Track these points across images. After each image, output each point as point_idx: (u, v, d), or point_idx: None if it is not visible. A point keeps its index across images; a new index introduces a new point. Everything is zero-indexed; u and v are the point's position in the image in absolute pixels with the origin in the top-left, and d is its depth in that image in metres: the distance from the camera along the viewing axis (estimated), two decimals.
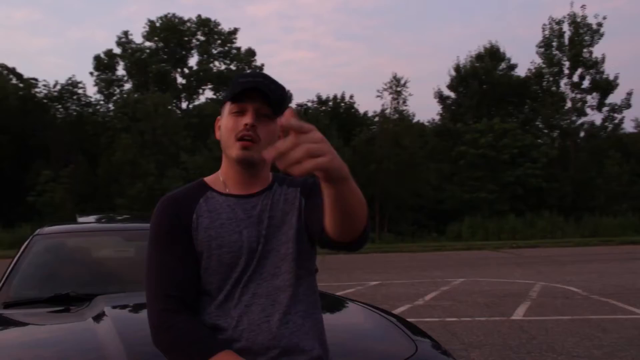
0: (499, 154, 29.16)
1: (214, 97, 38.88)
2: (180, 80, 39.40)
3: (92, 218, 4.21)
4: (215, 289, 1.47)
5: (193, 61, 39.51)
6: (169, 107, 34.29)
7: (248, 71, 1.83)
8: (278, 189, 1.55)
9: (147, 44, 38.34)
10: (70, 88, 35.85)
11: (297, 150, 1.06)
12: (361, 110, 37.32)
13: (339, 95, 37.44)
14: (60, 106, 35.77)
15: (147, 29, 38.19)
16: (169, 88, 37.03)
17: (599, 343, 5.77)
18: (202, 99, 39.31)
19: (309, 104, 37.36)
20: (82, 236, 3.44)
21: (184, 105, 38.97)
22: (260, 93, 1.45)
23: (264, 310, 1.44)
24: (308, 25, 66.19)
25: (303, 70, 63.28)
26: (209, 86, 39.14)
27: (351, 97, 38.24)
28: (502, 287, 10.04)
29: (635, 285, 9.92)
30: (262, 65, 40.41)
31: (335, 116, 34.95)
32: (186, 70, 39.28)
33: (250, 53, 39.76)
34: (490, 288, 9.86)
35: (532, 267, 13.64)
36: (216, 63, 39.25)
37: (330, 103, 37.79)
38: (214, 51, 39.07)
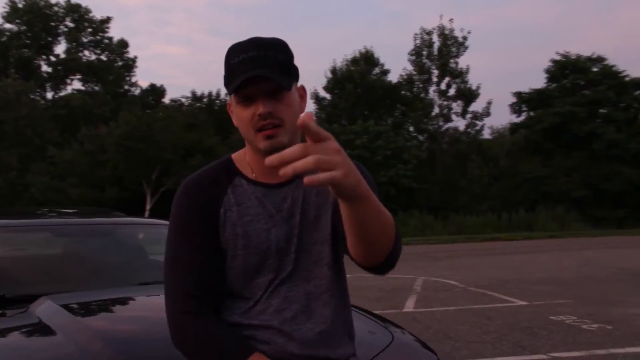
0: (373, 155, 30.28)
1: (83, 88, 36.83)
2: (45, 68, 36.88)
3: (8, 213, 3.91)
4: (241, 291, 1.36)
5: (60, 49, 37.17)
6: (32, 96, 32.04)
7: (238, 43, 1.23)
8: None
9: (8, 26, 35.50)
10: None
11: (305, 160, 0.94)
12: None
13: (214, 92, 36.95)
14: None
15: (7, 9, 35.34)
16: (32, 76, 34.53)
17: (487, 329, 6.26)
18: (69, 89, 37.07)
19: (184, 100, 36.56)
20: (3, 232, 3.18)
21: (49, 95, 36.52)
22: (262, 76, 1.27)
23: (295, 317, 1.35)
24: (180, 19, 64.67)
25: (176, 65, 61.69)
26: (78, 76, 36.96)
27: (226, 94, 37.83)
28: (387, 282, 10.48)
29: (503, 277, 10.79)
30: (135, 57, 38.91)
31: (210, 113, 34.48)
32: (52, 58, 36.83)
33: (123, 44, 38.10)
34: (377, 283, 10.26)
35: (409, 263, 14.35)
36: (86, 52, 37.19)
37: (206, 100, 37.20)
38: (84, 40, 36.98)
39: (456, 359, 5.07)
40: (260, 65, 1.26)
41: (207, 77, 62.26)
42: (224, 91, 36.78)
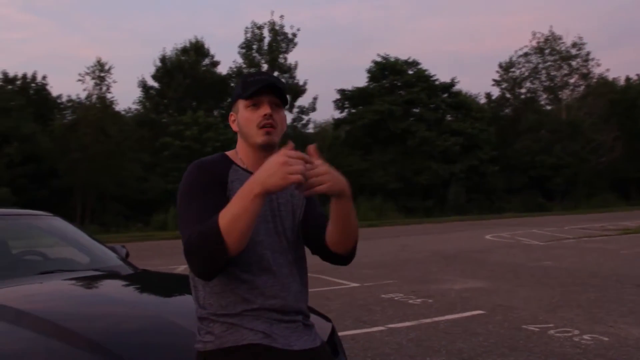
0: (203, 146, 30.24)
1: None
2: None
3: None
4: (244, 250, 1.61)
5: None
6: None
7: (252, 71, 1.89)
8: None
9: None
10: None
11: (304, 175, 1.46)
12: (54, 93, 34.65)
13: (29, 75, 34.16)
14: None
15: None
16: None
17: (329, 309, 6.93)
18: None
19: None
20: None
21: None
22: (273, 88, 1.72)
23: (287, 276, 1.73)
24: None
25: None
26: None
27: (44, 77, 35.25)
28: (338, 263, 10.87)
29: None
30: None
31: (26, 98, 31.88)
32: None
33: None
34: None
35: None
36: None
37: (19, 82, 34.28)
38: None
39: None
40: (272, 82, 1.73)
41: (19, 58, 57.06)
42: (41, 74, 34.05)
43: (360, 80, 58.37)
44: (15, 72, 34.34)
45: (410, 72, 36.75)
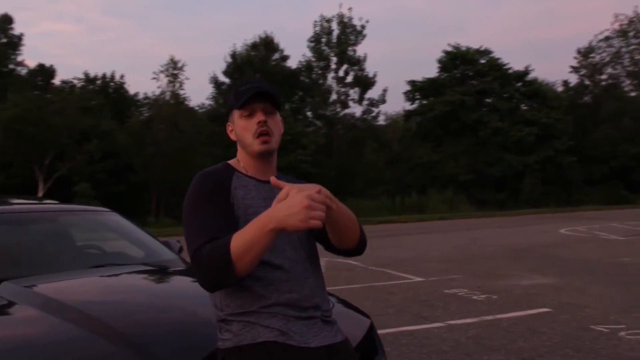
0: None
1: None
2: None
3: None
4: None
5: None
6: None
7: (244, 80, 1.93)
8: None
9: None
10: None
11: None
12: (132, 91, 36.07)
13: (108, 74, 35.68)
14: None
15: None
16: None
17: (390, 303, 6.89)
18: None
19: (76, 82, 35.02)
20: None
21: None
22: (264, 95, 1.75)
23: (304, 271, 1.74)
24: None
25: (66, 44, 58.68)
26: None
27: (122, 76, 36.73)
28: (348, 255, 10.96)
29: (399, 256, 11.60)
30: (21, 35, 36.71)
31: (105, 96, 33.31)
32: None
33: (7, 19, 35.82)
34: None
35: None
36: None
37: (99, 82, 35.85)
38: None
39: None
40: (263, 90, 1.76)
41: (101, 58, 59.78)
42: (119, 73, 35.68)
43: (430, 71, 57.49)
44: (96, 73, 35.99)
45: (482, 61, 35.78)
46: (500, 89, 34.96)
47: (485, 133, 33.55)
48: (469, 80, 35.46)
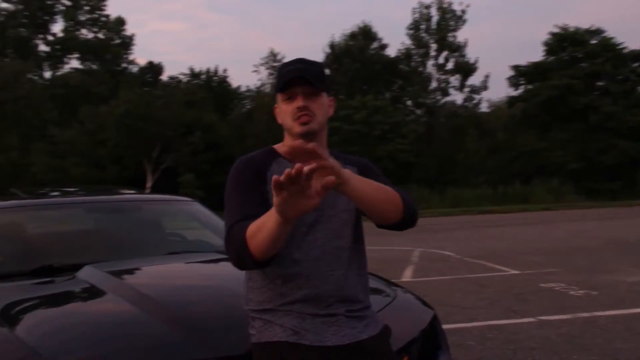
0: (371, 129, 30.53)
1: (81, 67, 36.86)
2: (42, 47, 36.89)
3: (38, 192, 4.24)
4: (285, 241, 1.59)
5: (57, 27, 37.19)
6: (30, 76, 32.12)
7: (287, 61, 1.87)
8: None
9: (4, 5, 35.48)
10: None
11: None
12: (234, 85, 37.24)
13: (212, 69, 37.02)
14: None
15: None
16: (30, 55, 34.56)
17: (481, 296, 6.63)
18: (67, 68, 37.12)
19: (182, 77, 36.61)
20: (40, 210, 3.51)
21: (47, 74, 36.59)
22: (303, 78, 1.70)
23: (329, 264, 1.69)
24: None
25: (174, 42, 61.44)
26: (76, 55, 36.99)
27: (225, 70, 38.04)
28: (385, 253, 10.86)
29: (497, 248, 11.18)
30: (133, 35, 38.87)
31: (209, 90, 34.61)
32: (50, 37, 36.82)
33: (120, 22, 38.07)
34: (376, 255, 10.63)
35: (407, 235, 14.66)
36: (83, 31, 37.16)
37: (204, 76, 37.28)
38: (81, 18, 36.92)
39: (451, 323, 5.42)
40: (302, 73, 1.70)
41: (206, 53, 62.12)
42: (222, 67, 36.92)
43: (535, 54, 54.81)
44: (200, 68, 37.52)
45: (594, 41, 33.68)
46: (613, 71, 32.76)
47: (597, 118, 31.59)
48: (578, 63, 33.49)
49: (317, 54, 51.38)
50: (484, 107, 37.53)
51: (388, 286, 2.72)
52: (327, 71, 1.84)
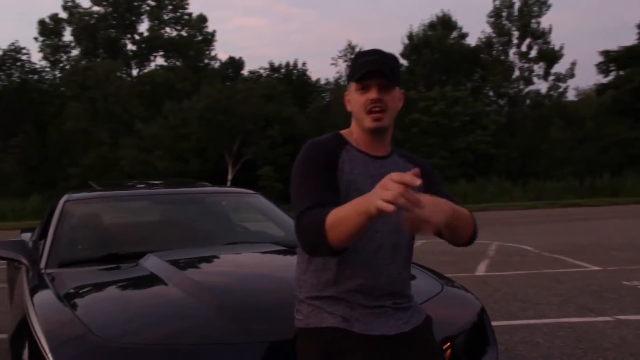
0: (450, 121, 29.94)
1: (165, 64, 38.29)
2: (130, 46, 38.59)
3: (110, 185, 4.48)
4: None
5: (143, 27, 38.75)
6: (119, 74, 33.66)
7: (363, 50, 1.86)
8: (399, 160, 1.83)
9: (95, 8, 37.32)
10: (14, 54, 34.61)
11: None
12: (313, 78, 37.53)
13: (291, 63, 37.46)
14: (2, 73, 34.52)
15: None
16: (119, 55, 36.24)
17: (556, 292, 6.39)
18: (152, 66, 38.68)
19: (262, 71, 37.25)
20: (112, 201, 3.72)
21: (134, 72, 38.26)
22: (379, 71, 1.70)
23: (385, 258, 1.73)
24: None
25: (254, 36, 62.68)
26: (160, 53, 38.47)
27: (304, 64, 38.40)
28: (460, 247, 10.65)
29: (580, 242, 10.70)
30: (214, 31, 39.94)
31: (288, 83, 35.04)
32: (136, 37, 38.46)
33: (202, 19, 39.20)
34: (451, 248, 10.35)
35: (485, 228, 14.24)
36: (167, 29, 38.57)
37: (283, 70, 37.80)
38: (165, 17, 38.32)
39: (521, 319, 5.27)
40: (378, 65, 1.70)
41: (286, 47, 63.03)
42: (301, 60, 37.30)
43: (628, 38, 51.80)
44: (280, 61, 38.07)
45: None
46: None
47: None
48: None
49: (395, 46, 50.99)
50: (570, 96, 35.98)
51: (436, 278, 2.72)
52: (401, 63, 1.83)
